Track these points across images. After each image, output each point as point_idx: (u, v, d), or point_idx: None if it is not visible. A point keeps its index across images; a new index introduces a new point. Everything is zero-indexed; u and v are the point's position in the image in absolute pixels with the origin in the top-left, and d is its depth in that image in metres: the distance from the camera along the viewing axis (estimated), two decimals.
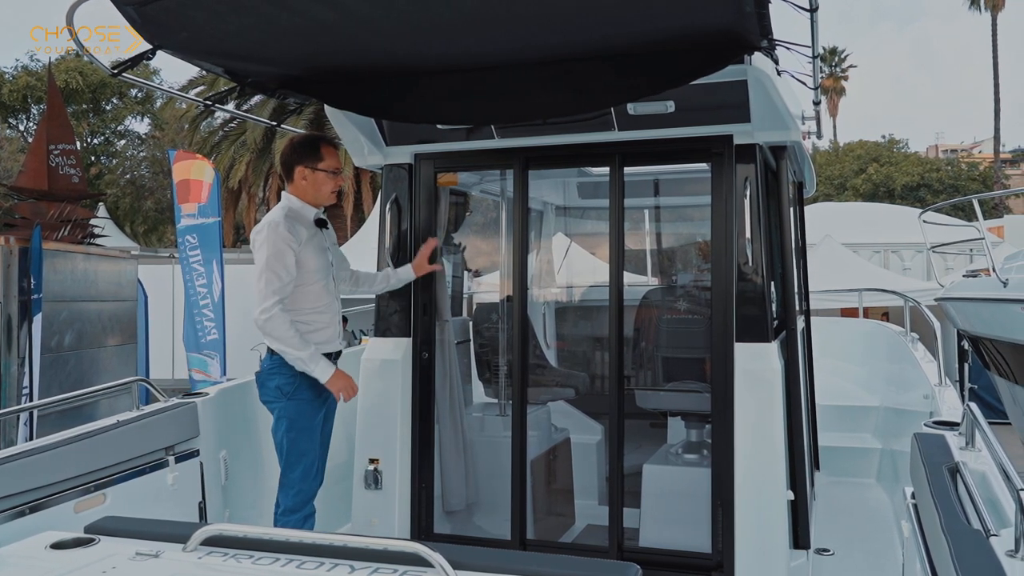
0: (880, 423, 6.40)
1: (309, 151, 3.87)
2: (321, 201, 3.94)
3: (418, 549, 2.15)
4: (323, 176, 3.87)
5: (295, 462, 3.75)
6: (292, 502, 3.74)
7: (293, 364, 3.69)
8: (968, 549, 2.06)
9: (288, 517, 3.73)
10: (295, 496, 3.74)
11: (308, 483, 3.77)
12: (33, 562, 2.38)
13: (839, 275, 13.62)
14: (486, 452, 4.70)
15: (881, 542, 4.66)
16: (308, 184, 3.87)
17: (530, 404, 5.08)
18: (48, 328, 9.15)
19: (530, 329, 5.19)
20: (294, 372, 3.73)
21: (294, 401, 3.74)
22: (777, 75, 3.56)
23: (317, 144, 3.90)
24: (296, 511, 3.73)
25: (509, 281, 4.46)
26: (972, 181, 39.94)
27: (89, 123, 34.03)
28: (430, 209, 4.50)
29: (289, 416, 3.74)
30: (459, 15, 2.96)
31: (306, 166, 3.86)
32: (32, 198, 10.64)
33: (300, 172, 3.86)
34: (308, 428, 3.77)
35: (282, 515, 3.75)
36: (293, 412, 3.74)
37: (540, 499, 4.80)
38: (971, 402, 3.23)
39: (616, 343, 4.08)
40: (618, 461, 4.08)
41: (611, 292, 4.09)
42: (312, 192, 3.89)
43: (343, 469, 4.43)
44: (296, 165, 3.88)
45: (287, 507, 3.74)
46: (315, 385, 3.76)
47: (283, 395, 3.74)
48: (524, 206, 4.22)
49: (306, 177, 3.86)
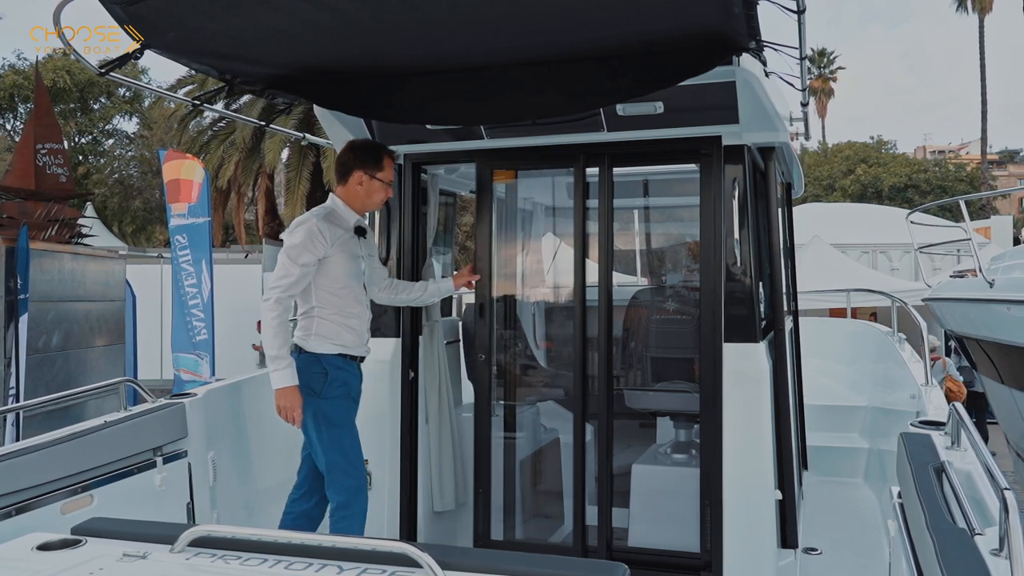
0: (867, 423, 6.43)
1: (371, 159, 3.89)
2: (368, 208, 3.98)
3: (406, 549, 2.15)
4: (379, 185, 3.90)
5: (338, 458, 3.72)
6: (343, 498, 3.71)
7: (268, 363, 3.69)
8: (953, 548, 2.08)
9: (341, 513, 3.70)
10: (344, 492, 3.71)
11: (354, 478, 3.74)
12: (20, 564, 2.37)
13: (827, 275, 13.69)
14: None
15: (868, 541, 4.69)
16: (362, 190, 3.90)
17: (519, 404, 5.09)
18: (35, 328, 9.10)
19: (519, 329, 5.20)
20: (323, 370, 3.74)
21: (326, 400, 3.74)
22: (765, 76, 3.58)
23: (380, 154, 3.92)
24: (348, 506, 3.70)
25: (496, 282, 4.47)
26: (959, 182, 40.21)
27: (77, 122, 33.83)
28: (420, 209, 4.50)
29: (324, 413, 3.74)
30: (449, 16, 2.97)
31: (365, 172, 3.88)
32: (19, 197, 10.56)
33: (357, 177, 3.89)
34: (344, 423, 3.77)
35: (335, 511, 3.72)
36: (327, 409, 3.74)
37: (529, 499, 4.81)
38: (956, 402, 3.25)
39: (605, 343, 4.09)
40: (607, 462, 4.10)
41: (600, 292, 4.10)
42: (363, 198, 3.92)
43: None
44: (355, 169, 3.89)
45: (339, 503, 3.71)
46: (346, 382, 3.78)
47: (313, 393, 3.73)
48: (514, 206, 4.23)
49: (362, 183, 3.89)
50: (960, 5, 42.48)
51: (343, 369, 3.80)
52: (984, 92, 41.51)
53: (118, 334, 11.06)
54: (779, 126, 3.88)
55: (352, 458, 3.76)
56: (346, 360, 3.82)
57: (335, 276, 3.79)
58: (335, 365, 3.78)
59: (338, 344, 3.80)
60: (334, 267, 3.78)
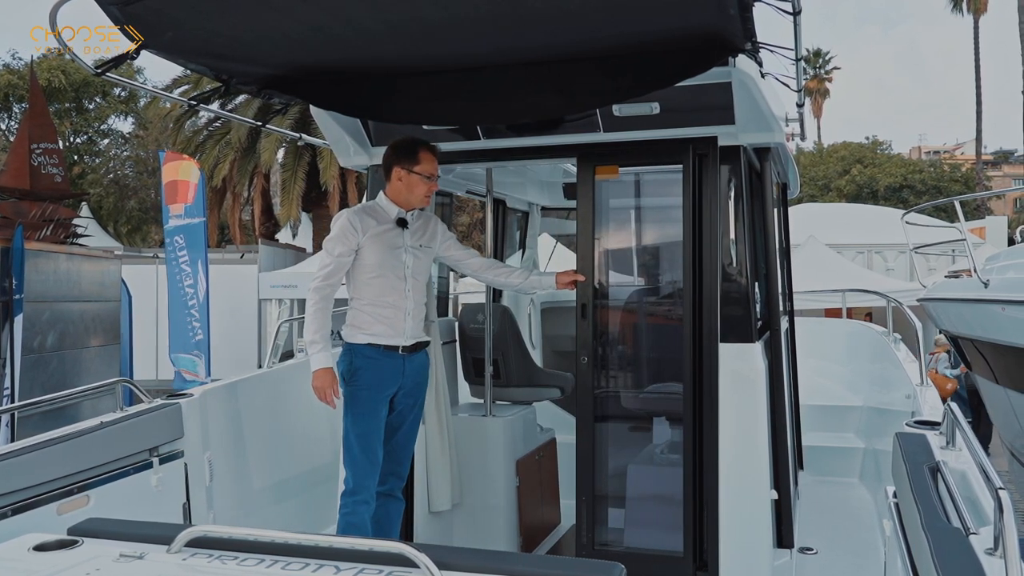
0: (863, 423, 6.44)
1: (407, 153, 3.93)
2: (413, 203, 3.98)
3: (403, 549, 2.15)
4: (417, 179, 3.92)
5: (352, 445, 3.83)
6: (351, 484, 3.81)
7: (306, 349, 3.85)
8: (948, 547, 2.09)
9: (346, 499, 3.82)
10: (353, 479, 3.81)
11: (365, 468, 3.82)
12: (16, 564, 2.37)
13: (823, 275, 13.73)
14: (472, 453, 4.71)
15: (864, 541, 4.69)
16: (403, 185, 3.93)
17: (515, 404, 5.09)
18: (30, 329, 9.08)
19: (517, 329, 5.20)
20: (351, 360, 3.85)
21: (351, 387, 3.85)
22: (761, 77, 3.59)
23: (416, 147, 3.94)
24: (354, 494, 3.80)
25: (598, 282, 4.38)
26: (954, 183, 40.30)
27: (72, 122, 33.74)
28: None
29: (346, 401, 3.86)
30: (445, 16, 2.97)
31: (402, 167, 3.92)
32: (14, 197, 10.56)
33: (396, 173, 3.94)
34: (364, 414, 3.83)
35: (342, 496, 3.84)
36: (350, 397, 3.85)
37: (526, 499, 4.81)
38: (952, 402, 3.26)
39: (595, 343, 4.09)
40: (603, 462, 4.10)
41: (591, 292, 4.10)
42: (405, 193, 3.95)
43: (329, 469, 4.43)
44: (394, 166, 3.95)
45: (347, 488, 3.82)
46: (376, 373, 3.84)
47: (344, 381, 3.86)
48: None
49: (401, 178, 3.93)
50: (955, 6, 42.57)
51: (373, 359, 3.85)
52: (979, 93, 41.62)
53: (113, 334, 11.05)
54: (775, 127, 3.89)
55: (363, 448, 3.82)
56: (379, 350, 3.86)
57: (367, 266, 3.88)
58: (365, 355, 3.85)
59: (369, 334, 3.86)
60: (367, 257, 3.87)
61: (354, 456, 3.82)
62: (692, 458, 3.90)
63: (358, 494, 3.80)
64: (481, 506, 4.68)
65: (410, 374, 3.96)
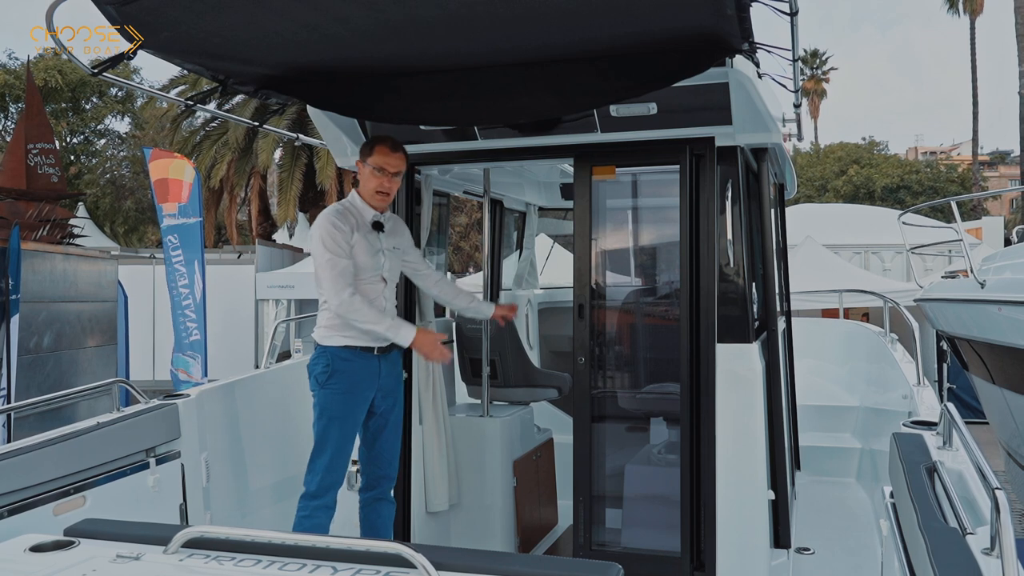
0: (860, 423, 6.46)
1: (366, 146, 3.97)
2: (377, 201, 3.95)
3: (400, 550, 2.15)
4: (369, 172, 3.91)
5: (321, 450, 3.80)
6: (314, 488, 3.78)
7: (386, 337, 3.79)
8: (945, 547, 2.09)
9: (306, 502, 3.78)
10: (318, 483, 3.78)
11: (331, 473, 3.79)
12: (12, 565, 2.36)
13: (820, 276, 13.72)
14: (469, 453, 4.71)
15: (860, 541, 4.70)
16: (361, 179, 3.97)
17: (512, 404, 5.09)
18: (26, 329, 9.07)
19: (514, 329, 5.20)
20: (328, 362, 3.81)
21: (326, 390, 3.82)
22: (758, 78, 3.59)
23: (374, 141, 3.96)
24: (316, 497, 3.77)
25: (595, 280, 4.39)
26: (951, 183, 40.36)
27: (68, 122, 33.69)
28: (412, 209, 4.50)
29: (321, 404, 3.82)
30: (443, 16, 2.97)
31: (362, 160, 3.96)
32: (10, 197, 10.54)
33: (359, 166, 3.98)
34: (337, 418, 3.80)
35: (302, 499, 3.81)
36: (324, 401, 3.82)
37: (523, 499, 4.81)
38: (949, 402, 3.26)
39: (588, 342, 4.09)
40: (600, 462, 4.10)
41: (587, 292, 4.11)
42: (363, 187, 3.97)
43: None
44: (357, 162, 4.00)
45: (308, 492, 3.79)
46: (350, 378, 3.81)
47: (318, 384, 3.83)
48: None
49: (360, 171, 3.96)
50: (951, 7, 42.57)
51: (349, 360, 3.82)
52: (975, 93, 41.65)
53: (110, 335, 11.04)
54: (772, 127, 3.90)
55: (332, 453, 3.80)
56: (355, 352, 3.83)
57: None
58: (341, 357, 3.82)
59: (346, 336, 3.82)
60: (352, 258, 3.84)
61: (324, 461, 3.78)
62: (689, 458, 3.90)
63: (320, 498, 3.77)
64: (478, 506, 4.69)
65: (386, 374, 3.95)
